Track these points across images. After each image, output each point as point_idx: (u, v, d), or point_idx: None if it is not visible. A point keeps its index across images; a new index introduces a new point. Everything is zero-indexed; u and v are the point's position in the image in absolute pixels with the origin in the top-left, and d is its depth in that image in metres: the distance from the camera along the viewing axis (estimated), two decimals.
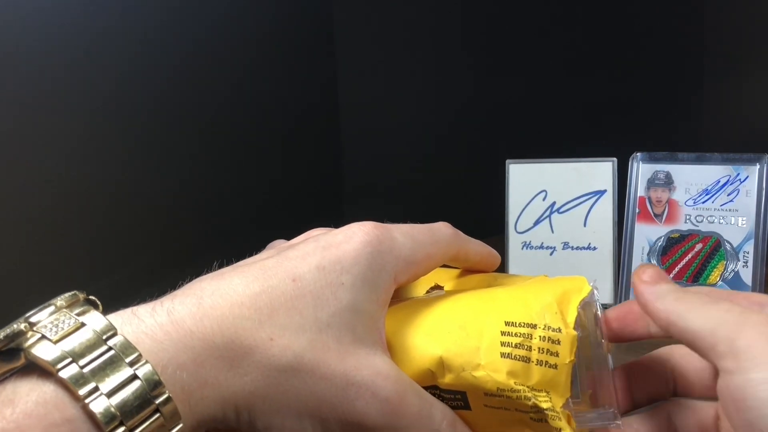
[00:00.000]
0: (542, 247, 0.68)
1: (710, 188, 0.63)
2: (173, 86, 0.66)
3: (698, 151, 0.64)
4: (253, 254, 0.33)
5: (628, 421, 0.33)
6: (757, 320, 0.26)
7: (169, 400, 0.24)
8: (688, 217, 0.64)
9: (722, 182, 0.62)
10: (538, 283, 0.34)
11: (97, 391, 0.23)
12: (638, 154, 0.66)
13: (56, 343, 0.23)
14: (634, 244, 0.65)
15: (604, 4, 0.90)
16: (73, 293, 0.25)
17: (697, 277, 0.62)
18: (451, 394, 0.31)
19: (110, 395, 0.23)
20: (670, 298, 0.29)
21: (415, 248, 0.32)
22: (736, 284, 0.61)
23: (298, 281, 0.28)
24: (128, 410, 0.23)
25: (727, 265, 0.61)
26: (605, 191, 0.67)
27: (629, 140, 0.67)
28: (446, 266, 0.38)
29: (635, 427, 0.33)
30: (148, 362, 0.24)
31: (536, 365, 0.29)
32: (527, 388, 0.29)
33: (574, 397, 0.31)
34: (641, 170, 0.65)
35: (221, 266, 0.31)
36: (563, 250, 0.68)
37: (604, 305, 0.33)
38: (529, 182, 0.69)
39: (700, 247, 0.63)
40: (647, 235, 0.65)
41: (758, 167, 0.61)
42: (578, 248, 0.68)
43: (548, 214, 0.69)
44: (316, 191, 0.86)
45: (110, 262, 0.61)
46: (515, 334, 0.30)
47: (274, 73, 0.77)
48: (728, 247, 0.62)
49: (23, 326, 0.24)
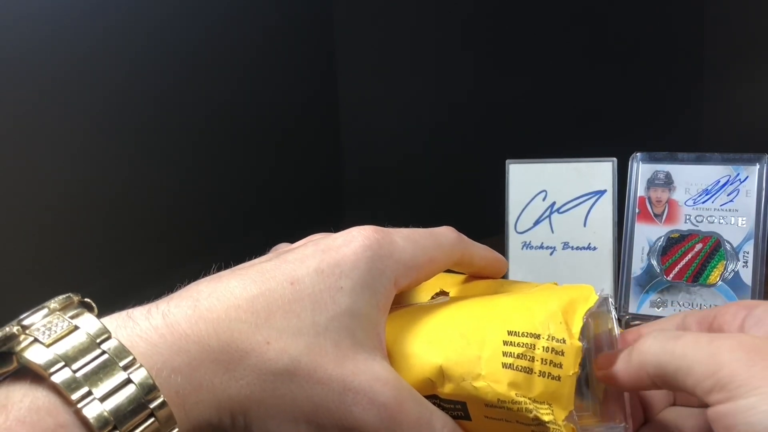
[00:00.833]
0: (542, 247, 0.68)
1: (710, 188, 0.63)
2: (172, 87, 0.66)
3: (698, 151, 0.64)
4: (253, 256, 0.33)
5: None
6: (728, 346, 0.26)
7: (163, 404, 0.24)
8: (688, 217, 0.63)
9: (722, 182, 0.62)
10: (544, 291, 0.33)
11: (90, 395, 0.23)
12: (638, 154, 0.65)
13: (49, 346, 0.23)
14: (634, 244, 0.65)
15: (604, 4, 0.90)
16: (67, 296, 0.25)
17: (697, 277, 0.62)
18: (451, 404, 0.30)
19: (103, 400, 0.23)
20: (625, 357, 0.29)
21: (416, 252, 0.32)
22: (735, 284, 0.61)
23: (296, 284, 0.28)
24: (122, 415, 0.23)
25: (727, 265, 0.61)
26: (605, 191, 0.67)
27: (629, 140, 0.67)
28: (452, 272, 0.38)
29: None
30: (142, 366, 0.24)
31: (539, 377, 0.29)
32: (529, 400, 0.29)
33: (584, 410, 0.31)
34: (641, 170, 0.65)
35: (219, 269, 0.30)
36: (563, 250, 0.68)
37: None
38: (529, 182, 0.69)
39: (700, 247, 0.62)
40: (647, 235, 0.64)
41: (758, 167, 0.61)
42: (578, 248, 0.67)
43: (548, 214, 0.69)
44: (316, 191, 0.86)
45: (108, 263, 0.61)
46: (518, 344, 0.29)
47: (273, 73, 0.77)
48: (728, 247, 0.62)
49: (15, 329, 0.23)
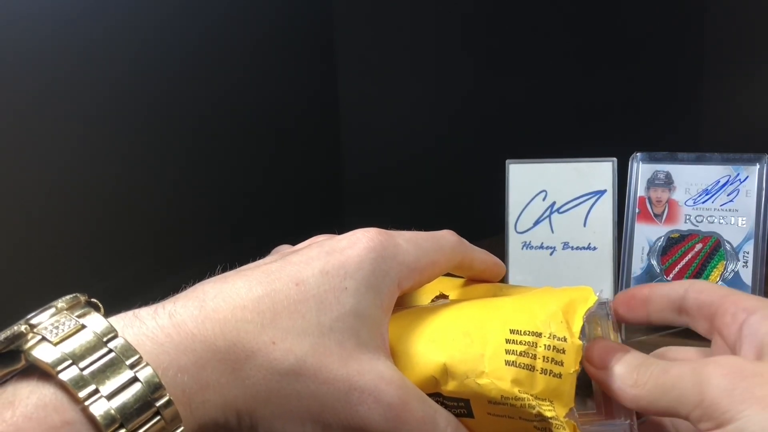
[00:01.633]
0: (542, 247, 0.68)
1: (710, 188, 0.63)
2: (172, 88, 0.66)
3: (698, 151, 0.64)
4: (255, 256, 0.33)
5: None
6: (710, 374, 0.27)
7: (169, 403, 0.24)
8: (688, 217, 0.63)
9: (722, 182, 0.62)
10: (543, 292, 0.34)
11: (97, 393, 0.23)
12: (638, 154, 0.66)
13: (56, 345, 0.23)
14: (634, 244, 0.65)
15: (604, 4, 0.90)
16: (74, 295, 0.25)
17: (697, 277, 0.62)
18: (454, 401, 0.31)
19: (110, 398, 0.23)
20: (627, 386, 0.29)
21: (418, 255, 0.32)
22: (735, 284, 0.61)
23: (301, 285, 0.28)
24: (128, 413, 0.23)
25: (726, 265, 0.61)
26: (605, 191, 0.67)
27: (629, 140, 0.67)
28: (451, 275, 0.38)
29: None
30: (148, 365, 0.24)
31: (541, 374, 0.29)
32: (531, 396, 0.29)
33: (589, 408, 0.31)
34: (641, 170, 0.65)
35: (224, 270, 0.31)
36: (563, 250, 0.68)
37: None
38: (529, 182, 0.69)
39: (700, 247, 0.63)
40: (647, 235, 0.65)
41: (758, 167, 0.61)
42: (578, 248, 0.68)
43: (548, 214, 0.69)
44: (316, 192, 0.85)
45: (112, 263, 0.61)
46: (520, 342, 0.30)
47: (273, 74, 0.77)
48: (728, 247, 0.62)
49: (23, 328, 0.23)
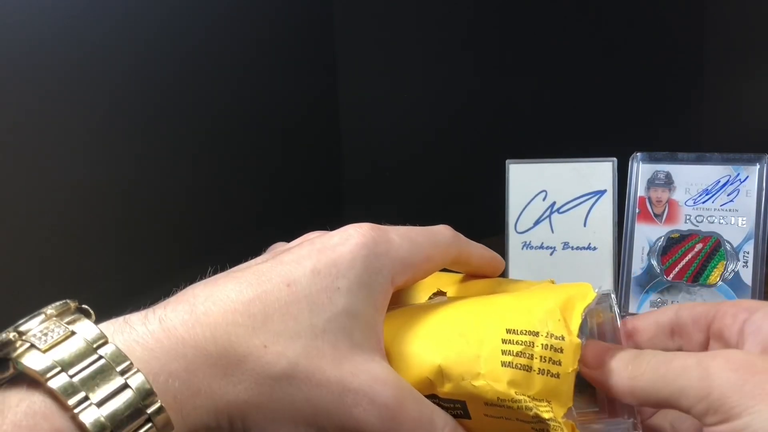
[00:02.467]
0: (542, 247, 0.68)
1: (710, 188, 0.63)
2: (172, 87, 0.66)
3: (698, 151, 0.64)
4: (252, 256, 0.33)
5: None
6: (717, 367, 0.26)
7: (161, 409, 0.24)
8: (688, 217, 0.63)
9: (722, 182, 0.62)
10: (542, 289, 0.33)
11: (86, 401, 0.23)
12: (638, 154, 0.65)
13: (45, 352, 0.23)
14: (634, 244, 0.65)
15: (604, 4, 0.90)
16: (63, 302, 0.25)
17: (697, 277, 0.62)
18: (450, 403, 0.30)
19: (100, 405, 0.23)
20: (623, 378, 0.29)
21: (413, 250, 0.32)
22: (736, 284, 0.61)
23: (292, 286, 0.28)
24: (119, 420, 0.23)
25: (727, 265, 0.61)
26: (605, 191, 0.67)
27: (629, 140, 0.67)
28: (450, 271, 0.38)
29: None
30: (139, 371, 0.24)
31: (538, 374, 0.29)
32: (528, 397, 0.29)
33: (592, 406, 0.31)
34: (641, 170, 0.65)
35: (216, 272, 0.30)
36: (563, 250, 0.68)
37: None
38: (529, 182, 0.69)
39: (700, 247, 0.62)
40: (647, 235, 0.64)
41: (758, 167, 0.61)
42: (578, 248, 0.67)
43: (548, 214, 0.69)
44: (316, 191, 0.85)
45: (107, 266, 0.61)
46: (516, 342, 0.29)
47: (273, 73, 0.77)
48: (728, 247, 0.62)
49: (12, 335, 0.23)
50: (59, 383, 0.23)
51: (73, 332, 0.24)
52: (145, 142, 0.64)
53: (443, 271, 0.37)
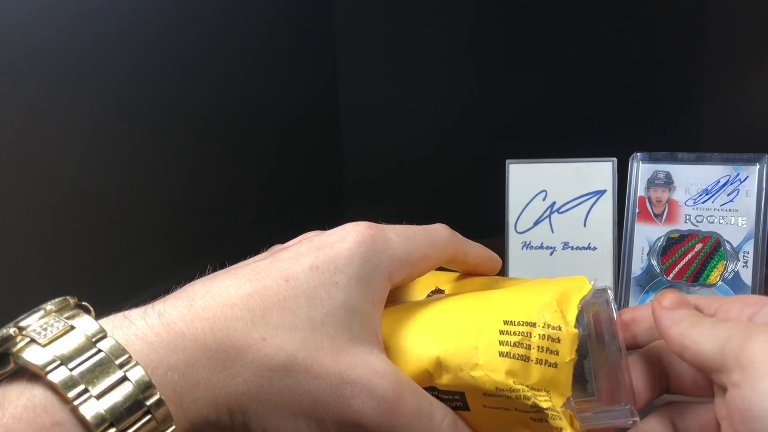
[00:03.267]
0: (542, 247, 0.68)
1: (710, 188, 0.63)
2: (172, 87, 0.66)
3: (698, 151, 0.64)
4: (252, 255, 0.33)
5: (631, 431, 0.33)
6: (761, 331, 0.26)
7: (160, 401, 0.24)
8: (688, 217, 0.63)
9: (722, 182, 0.62)
10: (538, 283, 0.34)
11: (86, 393, 0.23)
12: (638, 154, 0.65)
13: (45, 346, 0.23)
14: (634, 244, 0.65)
15: (604, 4, 0.90)
16: (63, 298, 0.25)
17: (697, 277, 0.62)
18: (449, 395, 0.30)
19: (100, 398, 0.23)
20: (685, 323, 0.29)
21: (410, 248, 0.32)
22: (736, 284, 0.61)
23: (291, 281, 0.28)
24: (118, 413, 0.23)
25: (727, 265, 0.61)
26: (605, 191, 0.67)
27: (629, 140, 0.67)
28: (448, 270, 0.38)
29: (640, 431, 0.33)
30: (138, 364, 0.24)
31: (536, 364, 0.29)
32: (526, 387, 0.29)
33: (589, 395, 0.31)
34: (641, 170, 0.65)
35: (215, 270, 0.31)
36: (563, 250, 0.68)
37: None
38: (529, 182, 0.69)
39: (700, 247, 0.62)
40: (647, 235, 0.64)
41: (758, 167, 0.61)
42: (578, 248, 0.68)
43: (548, 214, 0.69)
44: (316, 191, 0.86)
45: (107, 265, 0.62)
46: (514, 332, 0.30)
47: (274, 73, 0.77)
48: (728, 247, 0.62)
49: (12, 331, 0.24)
50: (59, 376, 0.23)
51: (72, 327, 0.24)
52: (145, 141, 0.64)
53: (441, 270, 0.37)
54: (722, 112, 0.88)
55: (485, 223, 0.67)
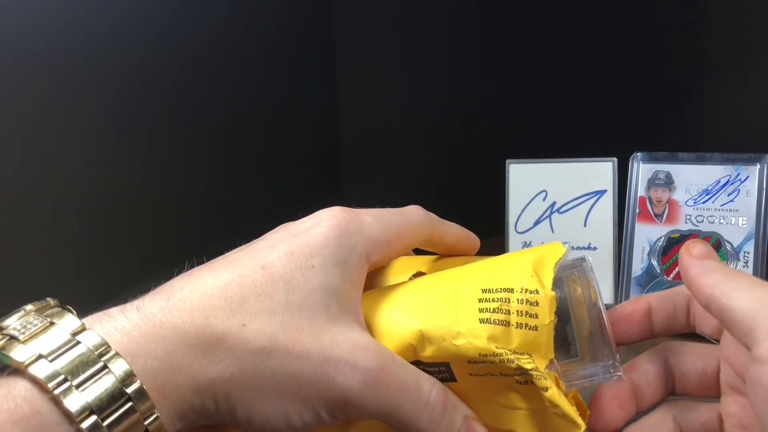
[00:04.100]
0: None
1: (710, 188, 0.62)
2: (172, 86, 0.67)
3: (698, 151, 0.63)
4: None
5: (633, 426, 0.33)
6: None
7: (141, 389, 0.24)
8: (688, 217, 0.63)
9: (722, 182, 0.62)
10: (514, 254, 0.34)
11: (66, 383, 0.23)
12: (638, 154, 0.65)
13: (26, 342, 0.24)
14: (634, 244, 0.65)
15: (604, 4, 0.90)
16: (44, 300, 0.26)
17: None
18: (434, 367, 0.31)
19: (80, 387, 0.23)
20: (717, 273, 0.29)
21: (384, 228, 0.32)
22: None
23: (267, 268, 0.28)
24: (99, 401, 0.23)
25: (727, 265, 0.61)
26: (605, 191, 0.67)
27: (629, 140, 0.67)
28: (427, 253, 0.38)
29: (642, 430, 0.33)
30: (118, 354, 0.24)
31: (516, 328, 0.29)
32: (509, 351, 0.29)
33: (573, 355, 0.32)
34: (641, 170, 0.65)
35: (194, 266, 0.31)
36: None
37: (606, 305, 0.33)
38: (529, 182, 0.69)
39: None
40: (647, 235, 0.64)
41: (758, 167, 0.61)
42: (578, 248, 0.67)
43: (548, 214, 0.69)
44: (315, 191, 0.86)
45: (107, 265, 0.62)
46: (493, 299, 0.30)
47: (274, 72, 0.78)
48: (728, 247, 0.61)
49: None
50: (39, 369, 0.23)
51: (52, 323, 0.24)
52: (146, 140, 0.64)
53: (420, 254, 0.37)
54: (722, 112, 0.88)
55: (485, 223, 0.67)
